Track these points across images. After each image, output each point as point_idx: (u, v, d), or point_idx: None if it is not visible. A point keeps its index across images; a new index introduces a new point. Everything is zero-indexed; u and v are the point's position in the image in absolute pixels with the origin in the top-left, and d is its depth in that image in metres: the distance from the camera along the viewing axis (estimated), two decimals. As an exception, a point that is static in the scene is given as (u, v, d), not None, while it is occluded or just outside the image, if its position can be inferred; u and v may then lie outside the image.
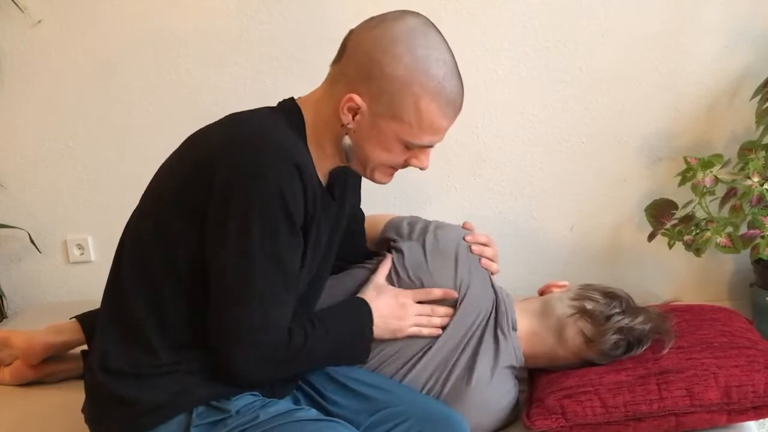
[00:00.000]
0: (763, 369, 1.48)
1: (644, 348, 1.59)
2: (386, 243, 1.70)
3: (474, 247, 1.65)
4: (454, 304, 1.59)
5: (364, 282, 1.59)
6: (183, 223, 1.28)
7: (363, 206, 1.73)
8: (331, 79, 1.34)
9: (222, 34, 2.37)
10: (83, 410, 1.42)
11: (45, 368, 1.81)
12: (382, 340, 1.54)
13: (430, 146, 1.36)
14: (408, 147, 1.33)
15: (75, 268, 2.57)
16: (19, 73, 2.39)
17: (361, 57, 1.28)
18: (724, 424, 1.48)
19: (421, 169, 1.39)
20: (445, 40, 1.32)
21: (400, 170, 1.43)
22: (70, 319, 1.78)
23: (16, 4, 2.30)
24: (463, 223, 1.72)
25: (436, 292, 1.57)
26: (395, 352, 1.56)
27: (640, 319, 1.59)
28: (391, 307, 1.53)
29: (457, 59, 1.33)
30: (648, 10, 2.34)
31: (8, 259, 2.57)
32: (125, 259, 1.36)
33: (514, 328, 1.61)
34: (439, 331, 1.56)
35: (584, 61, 2.38)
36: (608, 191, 2.50)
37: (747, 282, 2.48)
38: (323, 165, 1.38)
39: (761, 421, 2.05)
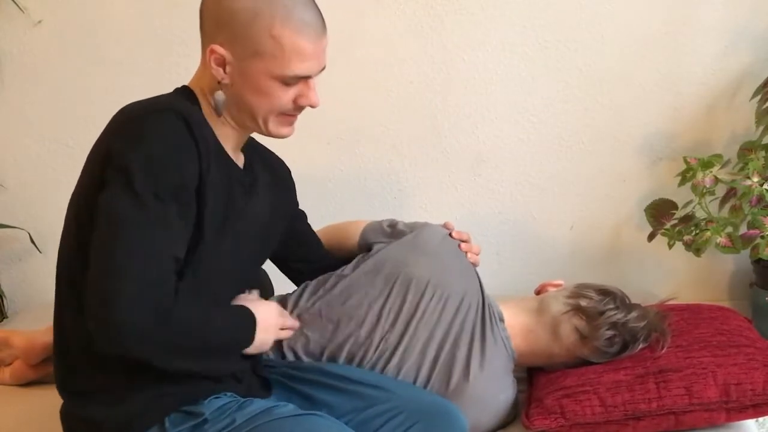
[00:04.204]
0: (762, 367, 1.48)
1: (640, 345, 1.59)
2: (366, 248, 1.71)
3: (463, 245, 1.69)
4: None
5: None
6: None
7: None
8: (202, 49, 1.35)
9: (222, 34, 2.37)
10: None
11: (45, 368, 1.81)
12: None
13: (308, 76, 1.32)
14: (286, 83, 1.31)
15: (75, 268, 2.57)
16: (19, 73, 2.39)
17: (210, 11, 1.31)
18: (723, 422, 1.48)
19: (313, 107, 1.35)
20: None
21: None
22: (70, 318, 1.78)
23: (16, 4, 2.30)
24: (444, 223, 1.74)
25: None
26: (395, 345, 1.57)
27: (633, 314, 1.59)
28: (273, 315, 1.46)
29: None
30: (648, 10, 2.35)
31: (8, 259, 2.57)
32: (62, 281, 1.34)
33: (501, 320, 1.63)
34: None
35: (584, 61, 2.38)
36: (608, 191, 2.50)
37: (747, 282, 2.48)
38: (228, 140, 1.36)
39: (760, 419, 2.05)
